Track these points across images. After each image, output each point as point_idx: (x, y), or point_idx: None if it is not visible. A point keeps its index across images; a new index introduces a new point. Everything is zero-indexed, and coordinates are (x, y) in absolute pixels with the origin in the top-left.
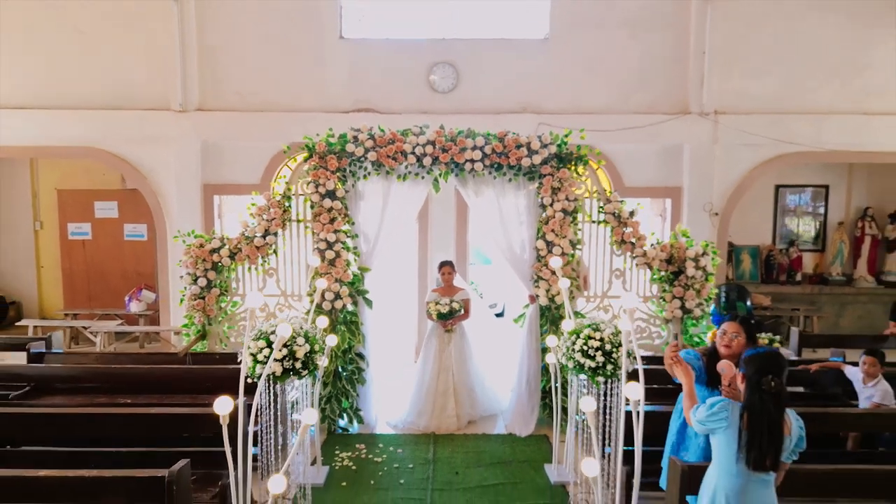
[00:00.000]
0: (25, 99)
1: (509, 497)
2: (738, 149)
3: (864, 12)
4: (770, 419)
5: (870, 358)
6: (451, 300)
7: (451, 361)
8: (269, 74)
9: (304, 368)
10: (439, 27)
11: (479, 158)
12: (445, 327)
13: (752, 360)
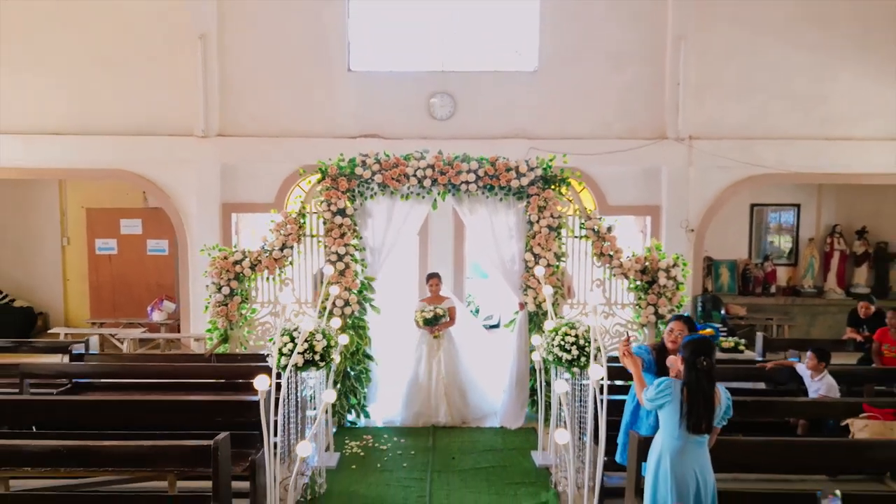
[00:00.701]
0: (58, 125)
1: (499, 477)
2: (711, 171)
3: (823, 48)
4: (704, 392)
5: (812, 354)
6: (435, 307)
7: (441, 366)
8: (284, 103)
9: (321, 360)
10: (438, 60)
11: (473, 180)
12: (432, 333)
13: (689, 345)
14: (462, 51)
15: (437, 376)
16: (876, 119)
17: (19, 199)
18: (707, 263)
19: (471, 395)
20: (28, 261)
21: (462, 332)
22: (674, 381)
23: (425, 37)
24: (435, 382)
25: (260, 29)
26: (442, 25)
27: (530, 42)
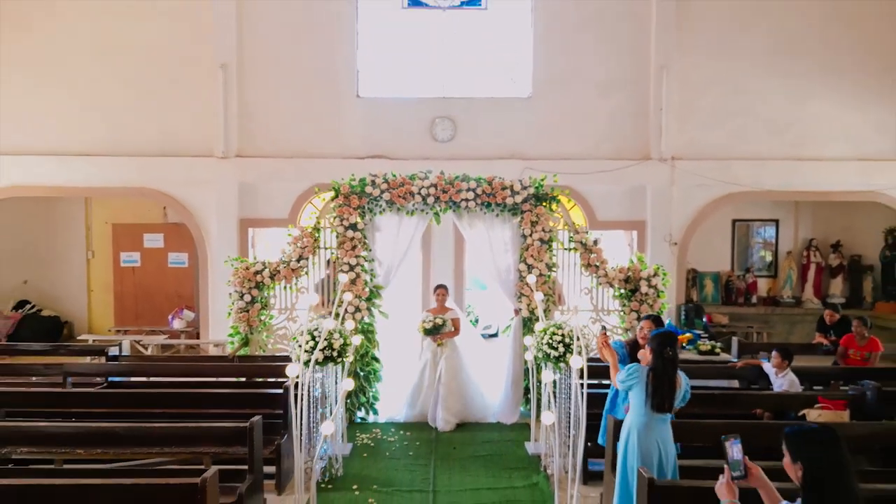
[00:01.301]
0: (90, 146)
1: (496, 463)
2: (692, 189)
3: (794, 75)
4: (668, 376)
5: (776, 353)
6: (436, 318)
7: (442, 372)
8: (297, 126)
9: (338, 356)
10: (440, 87)
11: (472, 198)
12: (435, 341)
13: (656, 337)
14: (462, 78)
15: (439, 381)
16: (843, 141)
17: (48, 215)
18: (692, 275)
19: (470, 401)
20: (55, 273)
21: (464, 341)
22: (641, 367)
23: (428, 65)
24: (437, 387)
25: (276, 59)
26: (443, 55)
27: (524, 70)
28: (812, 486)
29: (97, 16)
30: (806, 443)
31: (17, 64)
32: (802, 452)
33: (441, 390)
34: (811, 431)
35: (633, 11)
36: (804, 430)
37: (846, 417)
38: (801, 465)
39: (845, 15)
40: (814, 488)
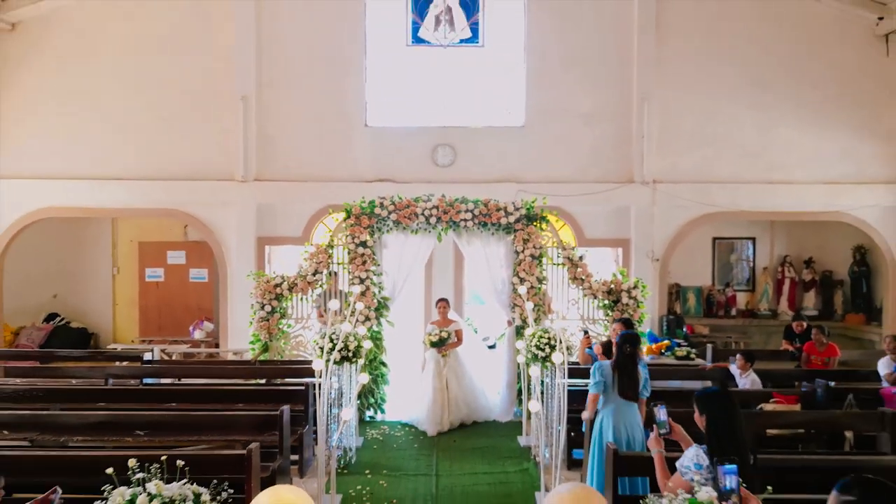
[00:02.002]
0: (120, 171)
1: (491, 453)
2: (672, 210)
3: (765, 105)
4: (627, 368)
5: (740, 356)
6: (441, 330)
7: (446, 381)
8: (311, 152)
9: (354, 357)
10: (441, 117)
11: (470, 218)
12: (440, 353)
13: (622, 337)
14: (461, 109)
15: (443, 390)
16: (811, 166)
17: (76, 234)
18: (676, 289)
19: (474, 404)
20: (82, 288)
21: (466, 350)
22: (603, 363)
23: (430, 97)
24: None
25: (292, 91)
26: (444, 88)
27: (518, 102)
28: (712, 431)
29: (128, 51)
30: (709, 400)
31: (53, 94)
32: (706, 407)
33: (448, 396)
34: (713, 393)
35: (616, 49)
36: (708, 392)
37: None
38: (705, 417)
39: (810, 51)
40: (713, 433)
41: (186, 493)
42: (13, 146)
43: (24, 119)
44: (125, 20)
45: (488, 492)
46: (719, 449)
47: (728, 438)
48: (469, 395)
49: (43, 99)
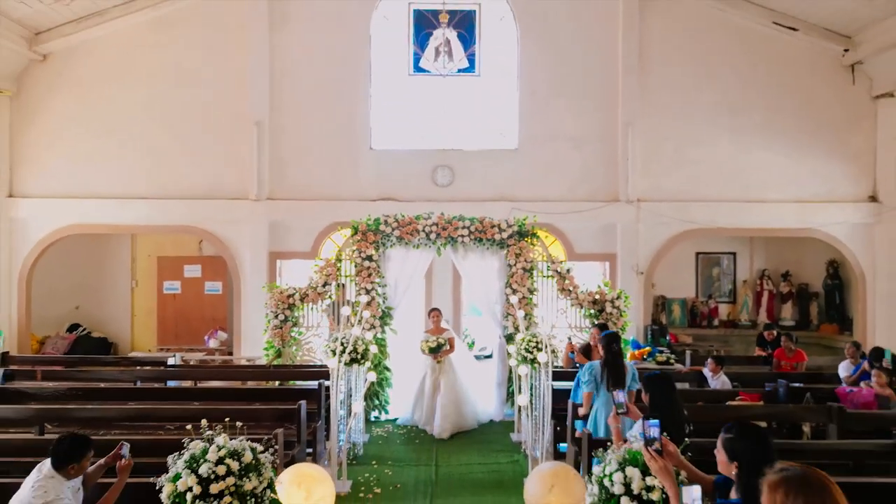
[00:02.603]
0: (143, 191)
1: (486, 447)
2: (655, 226)
3: (740, 130)
4: (616, 364)
5: (711, 360)
6: (437, 338)
7: (441, 386)
8: (319, 173)
9: (362, 359)
10: (440, 141)
11: (466, 234)
12: (435, 359)
13: (605, 338)
14: (459, 133)
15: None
16: (784, 186)
17: (97, 250)
18: (661, 301)
19: (464, 408)
20: (103, 300)
21: (459, 359)
22: (593, 363)
23: (430, 122)
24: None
25: (302, 116)
26: (443, 113)
27: (512, 127)
28: (654, 405)
29: (150, 80)
30: (651, 382)
31: (80, 119)
32: (649, 388)
33: (440, 401)
34: (655, 376)
35: (602, 77)
36: (651, 376)
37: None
38: (649, 395)
39: (783, 79)
40: (654, 407)
41: (245, 446)
42: (42, 167)
43: (53, 142)
44: (147, 51)
45: (482, 479)
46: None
47: (667, 411)
48: (460, 402)
49: (70, 123)
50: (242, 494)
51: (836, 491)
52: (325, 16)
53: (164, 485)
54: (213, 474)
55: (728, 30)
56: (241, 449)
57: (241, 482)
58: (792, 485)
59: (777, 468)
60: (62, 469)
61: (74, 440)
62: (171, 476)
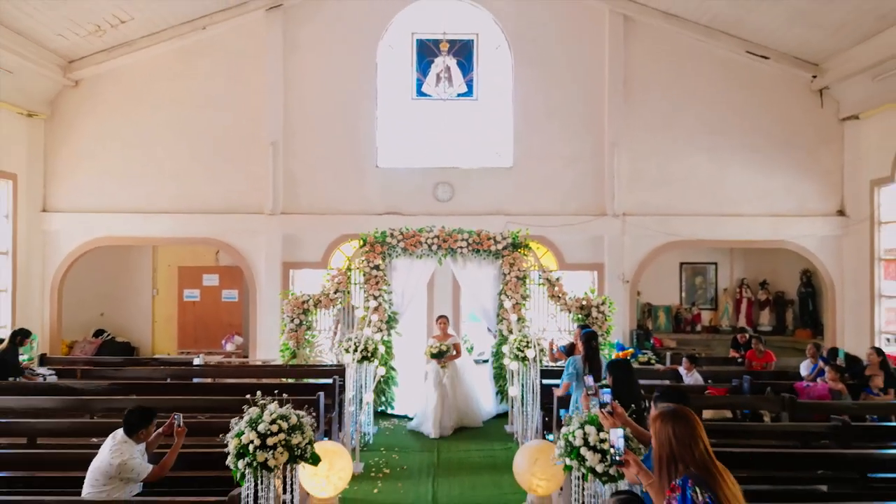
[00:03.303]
0: (168, 206)
1: (483, 437)
2: (640, 238)
3: (718, 149)
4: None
5: (686, 359)
6: (441, 344)
7: (446, 389)
8: (329, 189)
9: (372, 356)
10: (441, 159)
11: (465, 246)
12: (440, 363)
13: (585, 335)
14: (458, 152)
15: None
16: (757, 201)
17: (121, 261)
18: (648, 308)
19: (466, 412)
20: (126, 307)
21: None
22: (575, 357)
23: (431, 142)
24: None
25: (314, 137)
26: (443, 134)
27: (507, 146)
28: (615, 385)
29: (173, 104)
30: (613, 366)
31: (108, 140)
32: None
33: (445, 403)
34: (616, 360)
35: (590, 101)
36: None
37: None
38: (612, 377)
39: (757, 103)
40: (615, 386)
41: (291, 412)
42: (73, 184)
43: (83, 161)
44: (171, 78)
45: (479, 462)
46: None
47: (625, 387)
48: (464, 402)
49: (99, 144)
50: (291, 447)
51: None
52: (335, 45)
53: (230, 440)
54: (269, 431)
55: (705, 57)
56: (288, 414)
57: (290, 437)
58: (666, 416)
59: (659, 406)
60: (133, 434)
61: (142, 411)
62: (235, 433)
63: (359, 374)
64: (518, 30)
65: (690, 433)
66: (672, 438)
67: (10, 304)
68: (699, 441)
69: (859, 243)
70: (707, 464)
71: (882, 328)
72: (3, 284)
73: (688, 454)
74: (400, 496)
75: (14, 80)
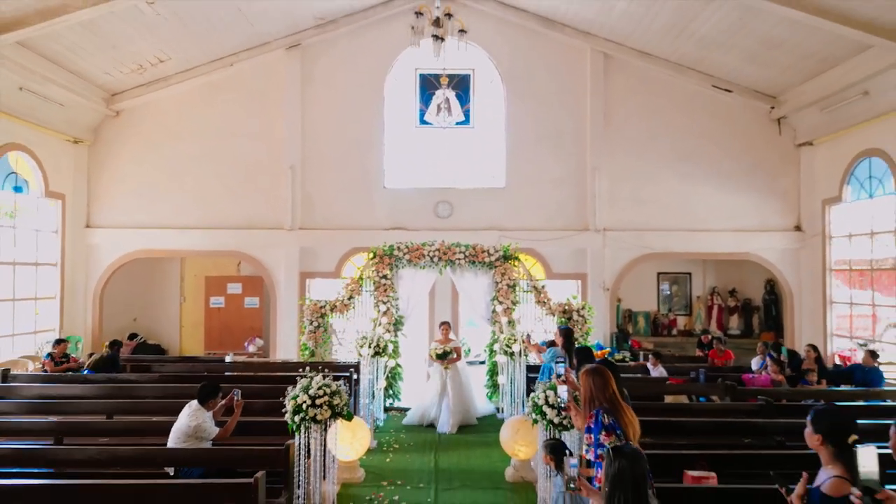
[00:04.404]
0: (198, 222)
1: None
2: (618, 251)
3: (688, 172)
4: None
5: (651, 355)
6: (444, 347)
7: (448, 389)
8: (342, 207)
9: (383, 352)
10: (441, 180)
11: (462, 258)
12: (443, 365)
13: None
14: (457, 174)
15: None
16: (723, 218)
17: (151, 271)
18: (628, 313)
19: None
20: (156, 313)
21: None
22: (554, 349)
23: (433, 166)
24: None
25: (328, 161)
26: (443, 158)
27: (500, 169)
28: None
29: (203, 131)
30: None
31: (144, 164)
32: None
33: (448, 402)
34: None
35: (574, 130)
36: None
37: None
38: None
39: (722, 130)
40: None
41: (331, 382)
42: (112, 203)
43: (122, 183)
44: (201, 109)
45: (474, 440)
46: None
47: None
48: (466, 401)
49: (136, 167)
50: (332, 405)
51: (609, 376)
52: (347, 79)
53: (288, 401)
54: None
55: (676, 90)
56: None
57: (332, 399)
58: (589, 372)
59: (585, 366)
60: (204, 403)
61: (212, 385)
62: (292, 395)
63: (372, 367)
64: (510, 66)
65: (603, 383)
66: (592, 386)
67: (59, 309)
68: (609, 388)
69: (814, 256)
70: (613, 401)
71: (833, 330)
72: (52, 292)
73: (601, 395)
74: (408, 463)
75: (65, 112)
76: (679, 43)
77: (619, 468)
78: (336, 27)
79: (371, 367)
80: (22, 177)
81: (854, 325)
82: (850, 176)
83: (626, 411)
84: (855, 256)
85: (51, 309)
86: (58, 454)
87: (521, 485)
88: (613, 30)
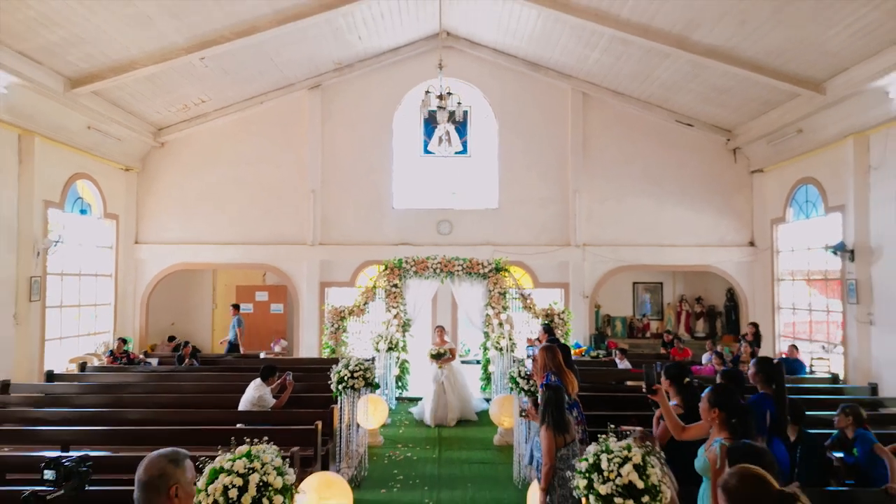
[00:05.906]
0: (230, 238)
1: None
2: (596, 264)
3: (657, 194)
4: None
5: (618, 351)
6: (439, 348)
7: (444, 387)
8: (356, 225)
9: (395, 347)
10: (442, 201)
11: (460, 270)
12: (438, 365)
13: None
14: (456, 197)
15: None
16: (688, 234)
17: (187, 281)
18: (607, 318)
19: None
20: (190, 319)
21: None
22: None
23: (435, 189)
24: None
25: (344, 185)
26: (444, 183)
27: (494, 192)
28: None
29: (236, 160)
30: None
31: (185, 188)
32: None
33: (445, 399)
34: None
35: (557, 157)
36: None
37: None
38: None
39: (686, 158)
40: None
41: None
42: (157, 222)
43: (166, 205)
44: (235, 140)
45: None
46: None
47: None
48: (461, 398)
49: (178, 191)
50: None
51: (558, 352)
52: (361, 115)
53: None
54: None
55: (646, 124)
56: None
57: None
58: (544, 349)
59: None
60: (266, 380)
61: (271, 366)
62: (336, 370)
63: (386, 361)
64: (502, 103)
65: (552, 355)
66: (546, 358)
67: (113, 315)
68: (556, 358)
69: (764, 267)
70: (559, 369)
71: (781, 332)
72: (108, 300)
73: (551, 363)
74: (417, 433)
75: (120, 146)
76: (646, 86)
77: (548, 395)
78: (352, 70)
79: (385, 362)
80: (86, 201)
81: (797, 328)
82: (791, 199)
83: (567, 374)
84: (796, 268)
85: (106, 314)
86: (166, 416)
87: (505, 447)
88: (590, 73)
